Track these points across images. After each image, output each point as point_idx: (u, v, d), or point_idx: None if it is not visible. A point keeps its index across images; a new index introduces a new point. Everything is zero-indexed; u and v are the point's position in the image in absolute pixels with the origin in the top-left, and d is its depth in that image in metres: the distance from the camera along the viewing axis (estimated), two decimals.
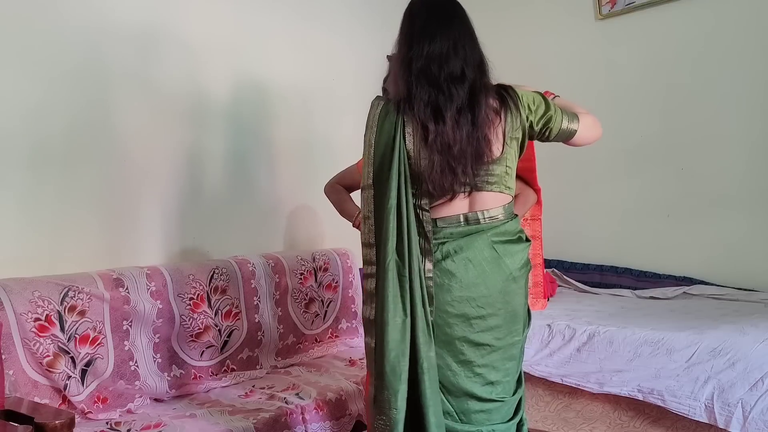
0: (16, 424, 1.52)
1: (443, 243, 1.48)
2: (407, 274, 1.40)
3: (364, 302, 1.49)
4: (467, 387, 1.48)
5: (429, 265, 1.45)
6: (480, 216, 1.50)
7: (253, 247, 2.88)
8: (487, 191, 1.50)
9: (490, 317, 1.48)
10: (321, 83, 3.26)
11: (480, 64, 1.50)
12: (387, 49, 3.82)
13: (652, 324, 2.46)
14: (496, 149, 1.48)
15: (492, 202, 1.51)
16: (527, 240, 1.58)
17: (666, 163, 3.29)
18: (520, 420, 1.58)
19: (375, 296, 1.44)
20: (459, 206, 1.50)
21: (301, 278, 2.76)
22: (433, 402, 1.41)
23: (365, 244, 1.48)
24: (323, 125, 3.27)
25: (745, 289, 2.98)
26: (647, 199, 3.35)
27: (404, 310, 1.40)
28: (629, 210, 3.38)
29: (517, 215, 1.60)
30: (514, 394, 1.56)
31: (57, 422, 1.45)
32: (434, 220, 1.49)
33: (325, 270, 2.87)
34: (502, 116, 1.48)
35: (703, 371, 2.16)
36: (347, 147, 3.25)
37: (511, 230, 1.53)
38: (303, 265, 2.79)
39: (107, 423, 1.92)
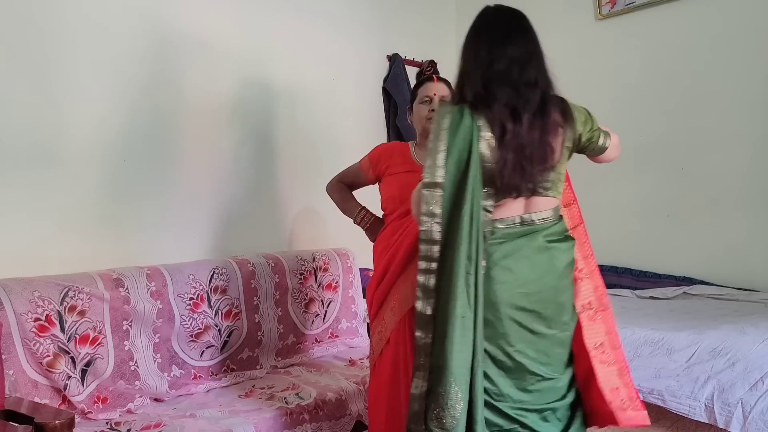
0: (16, 424, 1.52)
1: (501, 243, 1.55)
2: (474, 272, 1.48)
3: (418, 298, 1.52)
4: (524, 368, 1.56)
5: (483, 263, 1.53)
6: (534, 217, 1.59)
7: (253, 247, 2.88)
8: (542, 195, 1.59)
9: (543, 310, 1.57)
10: (321, 83, 3.26)
11: (548, 76, 1.60)
12: (387, 49, 3.85)
13: (652, 324, 2.46)
14: (556, 157, 1.58)
15: (544, 205, 1.60)
16: (572, 239, 1.69)
17: (666, 164, 3.29)
18: (573, 399, 1.66)
19: (434, 292, 1.50)
20: (515, 208, 1.58)
21: (301, 278, 2.76)
22: (480, 394, 1.48)
23: (427, 240, 1.51)
24: (324, 125, 3.27)
25: (745, 289, 2.98)
26: (647, 199, 3.35)
27: (469, 306, 1.47)
28: (629, 210, 3.38)
29: (562, 216, 1.69)
30: (563, 373, 1.64)
31: (57, 422, 1.46)
32: (492, 221, 1.56)
33: (325, 270, 2.87)
34: (563, 127, 1.58)
35: (703, 371, 2.16)
36: (348, 146, 3.25)
37: (559, 230, 1.63)
38: (303, 265, 2.79)
39: (107, 423, 1.92)
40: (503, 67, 1.53)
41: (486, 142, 1.51)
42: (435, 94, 2.11)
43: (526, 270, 1.55)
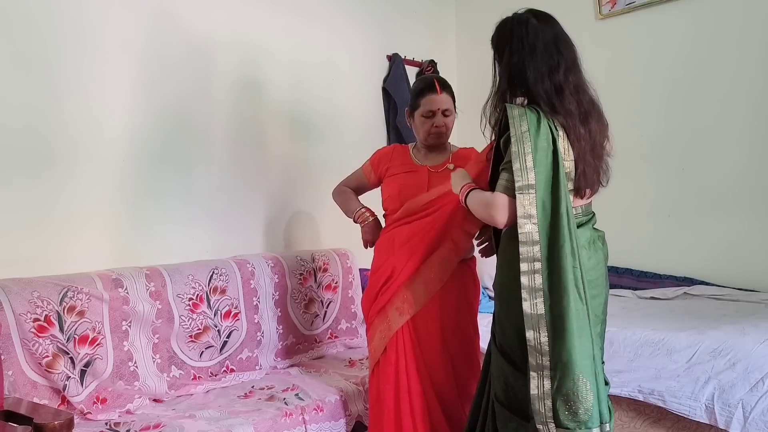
0: (15, 425, 1.51)
1: None
2: (578, 266, 1.53)
3: (524, 299, 1.54)
4: None
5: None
6: (585, 209, 1.69)
7: (253, 248, 2.88)
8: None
9: (598, 296, 1.66)
10: (322, 83, 3.26)
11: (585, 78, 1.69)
12: (387, 49, 3.84)
13: (653, 324, 2.46)
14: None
15: (588, 197, 1.69)
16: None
17: (666, 163, 3.29)
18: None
19: (541, 291, 1.53)
20: (577, 201, 1.66)
21: (300, 278, 2.75)
22: (602, 381, 1.56)
23: (526, 243, 1.55)
24: (324, 125, 3.26)
25: (746, 290, 2.98)
26: (647, 199, 3.35)
27: (581, 299, 1.53)
28: (629, 210, 3.38)
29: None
30: (601, 361, 1.69)
31: (56, 423, 1.45)
32: None
33: (325, 270, 2.86)
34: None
35: (703, 372, 2.15)
36: (348, 146, 3.26)
37: (596, 221, 1.74)
38: (302, 265, 2.78)
39: (106, 423, 1.92)
40: (562, 76, 1.60)
41: (561, 141, 1.57)
42: (438, 109, 2.08)
43: (584, 259, 1.61)
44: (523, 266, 1.55)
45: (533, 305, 1.54)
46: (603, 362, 1.71)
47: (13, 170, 2.13)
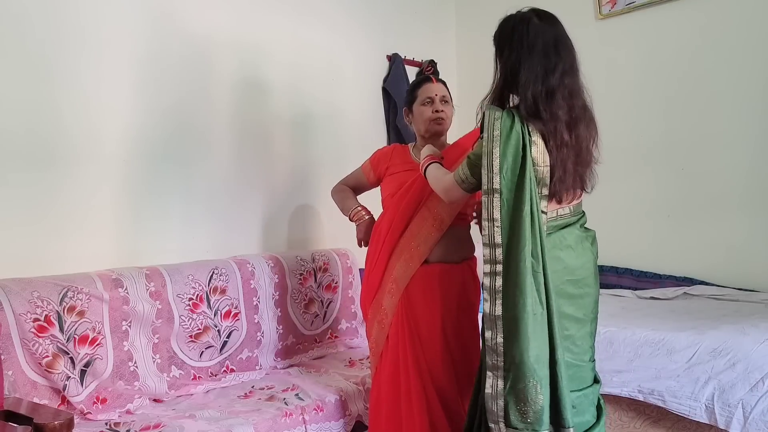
0: (15, 425, 1.51)
1: (549, 234, 1.62)
2: (541, 271, 1.53)
3: (485, 300, 1.57)
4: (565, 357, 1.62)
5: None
6: (572, 209, 1.69)
7: (253, 248, 2.88)
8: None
9: (587, 295, 1.67)
10: (321, 83, 3.26)
11: (582, 82, 1.68)
12: (387, 49, 3.84)
13: (653, 324, 2.46)
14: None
15: (578, 197, 1.71)
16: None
17: (666, 163, 3.29)
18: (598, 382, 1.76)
19: (501, 293, 1.55)
20: (554, 205, 1.65)
21: (300, 278, 2.75)
22: (566, 385, 1.54)
23: (489, 245, 1.57)
24: (324, 125, 3.26)
25: (746, 290, 2.97)
26: (647, 199, 3.35)
27: (541, 303, 1.53)
28: (629, 210, 3.38)
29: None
30: (591, 360, 1.72)
31: (56, 423, 1.45)
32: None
33: (325, 270, 2.86)
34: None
35: (703, 372, 2.15)
36: (348, 146, 3.25)
37: (586, 220, 1.75)
38: (303, 265, 2.78)
39: (106, 423, 1.92)
40: (557, 79, 1.59)
41: (536, 148, 1.57)
42: (436, 95, 2.10)
43: (571, 258, 1.63)
44: (486, 267, 1.57)
45: (492, 306, 1.56)
46: (593, 360, 1.72)
47: (13, 170, 2.13)
